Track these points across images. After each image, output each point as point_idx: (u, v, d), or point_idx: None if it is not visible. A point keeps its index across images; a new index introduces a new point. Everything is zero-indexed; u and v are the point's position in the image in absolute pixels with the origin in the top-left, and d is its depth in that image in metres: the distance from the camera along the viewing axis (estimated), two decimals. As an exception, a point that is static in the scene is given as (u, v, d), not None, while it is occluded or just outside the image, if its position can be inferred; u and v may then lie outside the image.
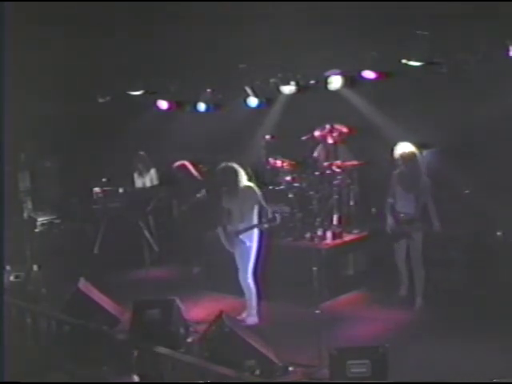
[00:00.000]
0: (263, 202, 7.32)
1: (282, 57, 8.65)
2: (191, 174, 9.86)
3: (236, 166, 7.41)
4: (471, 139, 7.92)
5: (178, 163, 9.93)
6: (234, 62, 9.06)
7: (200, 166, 10.22)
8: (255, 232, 7.35)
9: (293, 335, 6.72)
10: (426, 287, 7.59)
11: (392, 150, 7.52)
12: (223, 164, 7.46)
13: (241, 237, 7.28)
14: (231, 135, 10.20)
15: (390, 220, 7.62)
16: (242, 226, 7.27)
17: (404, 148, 7.44)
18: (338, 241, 8.44)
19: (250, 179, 7.58)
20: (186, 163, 9.90)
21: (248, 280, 7.39)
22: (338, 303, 7.89)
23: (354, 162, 8.89)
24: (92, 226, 11.06)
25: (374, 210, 8.73)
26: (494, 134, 7.68)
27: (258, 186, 7.54)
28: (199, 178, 9.89)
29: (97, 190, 11.02)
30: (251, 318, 7.40)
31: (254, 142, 9.88)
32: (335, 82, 8.77)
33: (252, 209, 7.28)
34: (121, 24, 7.71)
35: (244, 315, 7.45)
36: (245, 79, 9.72)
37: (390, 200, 7.57)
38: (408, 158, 7.39)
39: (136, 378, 5.42)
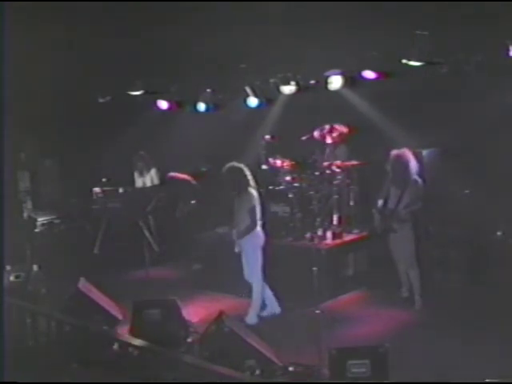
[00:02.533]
0: (258, 207, 7.30)
1: (282, 57, 8.64)
2: (183, 179, 10.04)
3: (243, 166, 7.36)
4: (471, 139, 7.91)
5: (168, 176, 10.16)
6: (233, 62, 9.05)
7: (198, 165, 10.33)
8: (255, 233, 7.34)
9: (293, 335, 6.73)
10: (422, 286, 7.59)
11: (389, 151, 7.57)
12: (229, 164, 7.37)
13: (236, 239, 7.30)
14: (231, 135, 10.19)
15: (376, 218, 7.69)
16: (237, 228, 7.32)
17: (395, 149, 7.54)
18: (337, 241, 8.45)
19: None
20: (174, 174, 10.12)
21: (260, 281, 7.38)
22: (338, 303, 7.89)
23: (354, 162, 8.89)
24: (92, 226, 11.06)
25: (374, 210, 8.73)
26: (494, 134, 7.68)
27: (258, 187, 7.53)
28: (193, 182, 10.05)
29: (97, 190, 11.03)
30: (251, 317, 7.40)
31: (253, 142, 9.88)
32: (335, 82, 8.77)
33: (246, 211, 7.26)
34: (121, 24, 7.70)
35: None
36: (245, 79, 9.71)
37: (380, 201, 7.64)
38: (398, 158, 7.46)
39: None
